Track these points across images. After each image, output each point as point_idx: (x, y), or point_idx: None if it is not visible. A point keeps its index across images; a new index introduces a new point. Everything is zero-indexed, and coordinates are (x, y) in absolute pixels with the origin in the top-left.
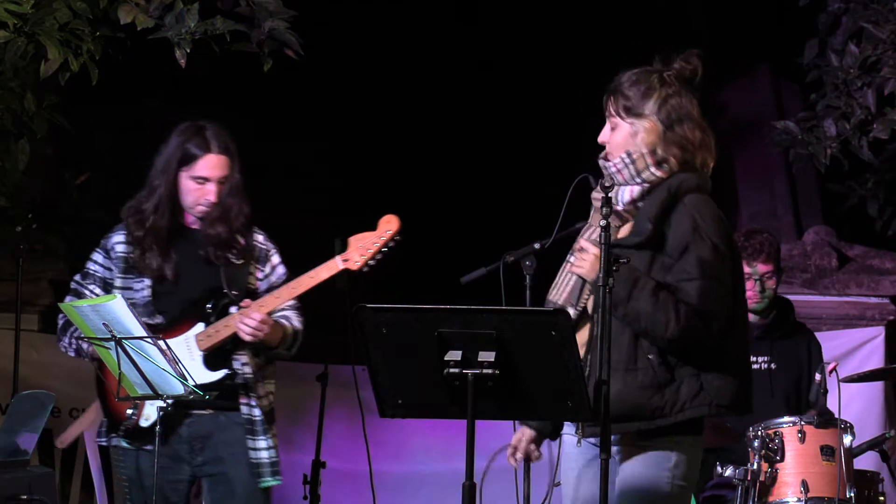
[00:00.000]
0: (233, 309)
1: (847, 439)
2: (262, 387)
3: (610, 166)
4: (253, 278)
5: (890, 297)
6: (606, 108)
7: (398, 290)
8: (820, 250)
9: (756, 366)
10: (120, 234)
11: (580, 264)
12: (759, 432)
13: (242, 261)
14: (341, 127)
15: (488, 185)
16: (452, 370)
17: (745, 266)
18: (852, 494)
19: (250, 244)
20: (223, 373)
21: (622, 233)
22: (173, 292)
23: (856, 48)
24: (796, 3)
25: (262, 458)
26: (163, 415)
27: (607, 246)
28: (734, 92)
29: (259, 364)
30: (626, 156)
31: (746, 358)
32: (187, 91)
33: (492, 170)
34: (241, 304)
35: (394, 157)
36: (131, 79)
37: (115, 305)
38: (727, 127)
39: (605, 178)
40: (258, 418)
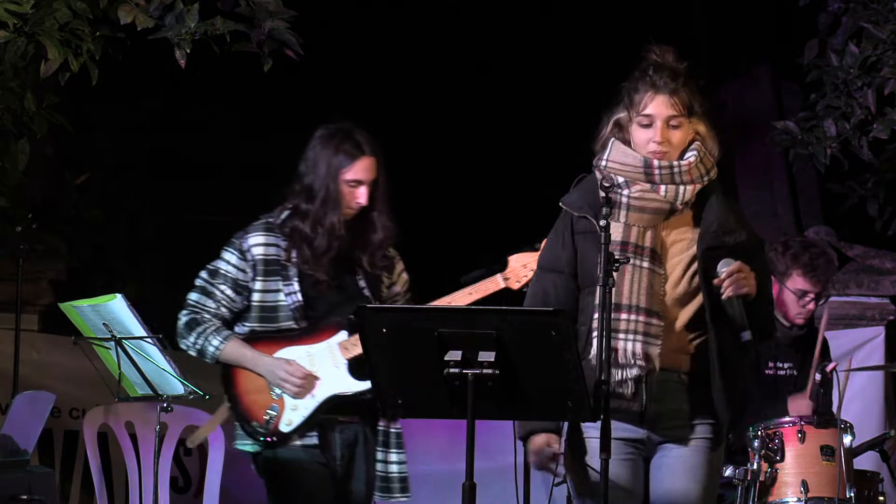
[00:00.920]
0: None
1: (847, 439)
2: None
3: (682, 165)
4: (384, 286)
5: (890, 297)
6: (671, 107)
7: None
8: None
9: (782, 371)
10: (259, 237)
11: (748, 285)
12: (759, 432)
13: (381, 267)
14: None
15: (488, 185)
16: (452, 370)
17: (807, 283)
18: (852, 494)
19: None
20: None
21: (675, 234)
22: (318, 297)
23: (856, 48)
24: (796, 3)
25: (392, 473)
26: (305, 421)
27: (607, 246)
28: (734, 92)
29: None
30: (695, 155)
31: None
32: (187, 91)
33: (491, 170)
34: None
35: (394, 157)
36: (131, 79)
37: (115, 305)
38: (727, 127)
39: (605, 179)
40: (395, 430)
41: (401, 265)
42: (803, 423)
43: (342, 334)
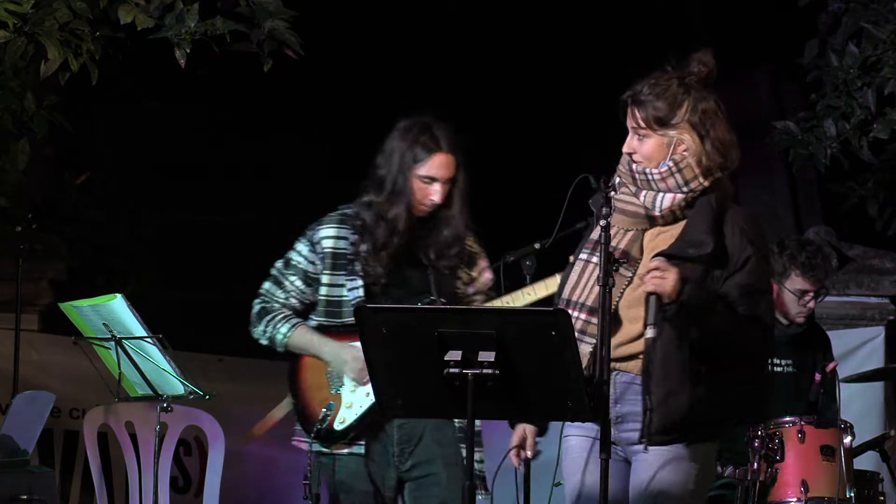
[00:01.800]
0: None
1: (847, 439)
2: None
3: (655, 174)
4: (461, 283)
5: (890, 297)
6: (631, 118)
7: None
8: None
9: (780, 369)
10: (330, 229)
11: (661, 283)
12: (759, 432)
13: (454, 266)
14: (342, 127)
15: (488, 184)
16: (452, 370)
17: (806, 282)
18: (852, 494)
19: (464, 247)
20: None
21: (656, 238)
22: (383, 294)
23: (856, 48)
24: (796, 3)
25: (475, 471)
26: (358, 419)
27: (607, 246)
28: (734, 92)
29: None
30: (672, 164)
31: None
32: (187, 91)
33: (491, 170)
34: None
35: None
36: (131, 79)
37: (116, 305)
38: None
39: (610, 179)
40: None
41: (483, 264)
42: (803, 423)
43: None
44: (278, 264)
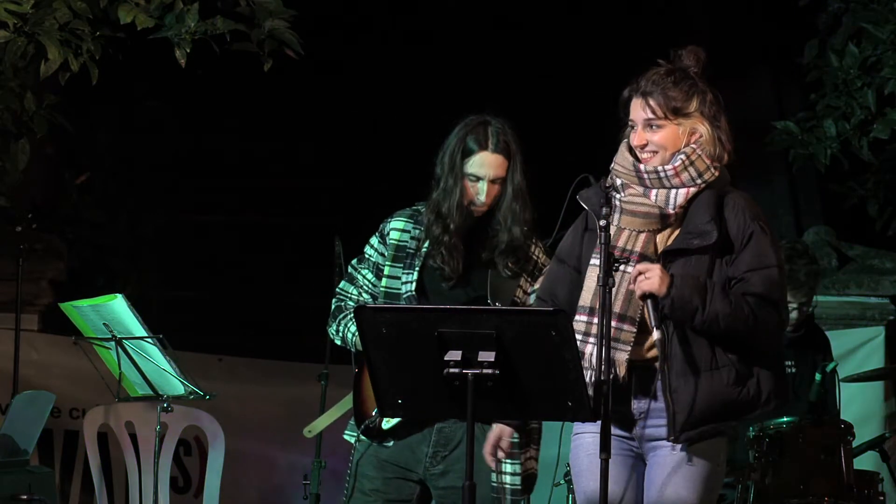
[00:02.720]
0: None
1: (847, 439)
2: None
3: (668, 170)
4: (521, 292)
5: (890, 297)
6: (641, 110)
7: None
8: (820, 250)
9: None
10: (399, 221)
11: (649, 282)
12: (759, 432)
13: (515, 272)
14: (342, 127)
15: None
16: (452, 370)
17: (790, 295)
18: (852, 494)
19: (527, 255)
20: None
21: (669, 237)
22: (437, 290)
23: (856, 48)
24: (796, 3)
25: (505, 484)
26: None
27: (607, 246)
28: (734, 92)
29: None
30: (685, 157)
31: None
32: (187, 91)
33: None
34: None
35: (394, 157)
36: (131, 79)
37: (116, 305)
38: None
39: (606, 179)
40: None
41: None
42: (803, 422)
43: None
44: (353, 261)
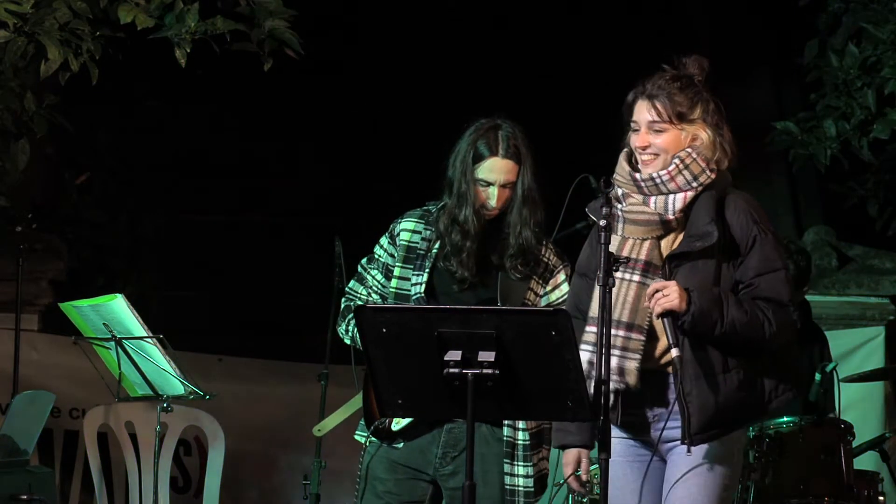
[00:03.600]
0: None
1: (847, 439)
2: None
3: (663, 175)
4: (532, 294)
5: (890, 297)
6: (646, 112)
7: None
8: (820, 250)
9: None
10: (409, 222)
11: (667, 300)
12: (759, 432)
13: (525, 275)
14: (341, 127)
15: None
16: (452, 370)
17: None
18: (852, 494)
19: (537, 258)
20: None
21: (674, 242)
22: (447, 293)
23: (856, 48)
24: (796, 3)
25: (518, 486)
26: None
27: (607, 245)
28: (734, 92)
29: None
30: (679, 161)
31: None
32: (187, 91)
33: None
34: None
35: (394, 157)
36: (131, 79)
37: (116, 305)
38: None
39: (605, 183)
40: (521, 442)
41: (561, 278)
42: (803, 423)
43: None
44: (363, 261)
